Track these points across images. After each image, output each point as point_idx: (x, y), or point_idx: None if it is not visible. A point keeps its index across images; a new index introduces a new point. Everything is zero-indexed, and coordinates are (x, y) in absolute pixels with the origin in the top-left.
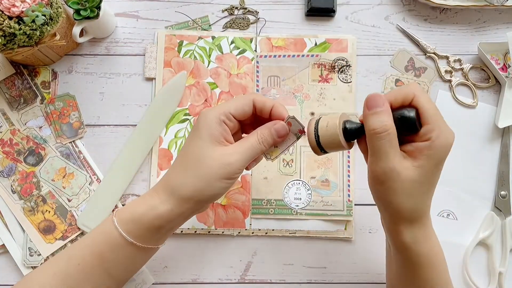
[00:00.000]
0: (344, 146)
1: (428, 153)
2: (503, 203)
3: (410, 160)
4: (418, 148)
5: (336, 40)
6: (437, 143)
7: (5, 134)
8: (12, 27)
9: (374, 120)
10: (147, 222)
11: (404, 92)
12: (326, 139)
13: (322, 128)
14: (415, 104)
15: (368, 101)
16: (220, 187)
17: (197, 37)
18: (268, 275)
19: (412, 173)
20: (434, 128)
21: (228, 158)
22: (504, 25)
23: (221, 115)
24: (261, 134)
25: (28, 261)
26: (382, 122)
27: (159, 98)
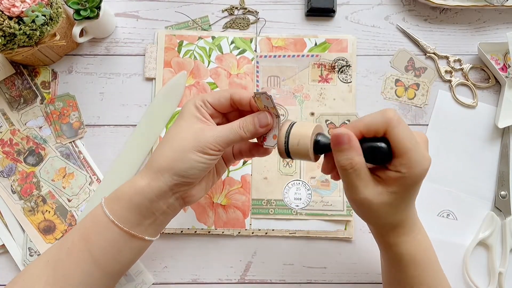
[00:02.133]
0: (311, 158)
1: (401, 183)
2: (503, 203)
3: (383, 186)
4: (390, 177)
5: (336, 40)
6: (408, 175)
7: (5, 134)
8: (12, 27)
9: (340, 157)
10: (128, 199)
11: (377, 122)
12: (295, 148)
13: (294, 135)
14: (388, 135)
15: (333, 138)
16: (194, 160)
17: (197, 37)
18: (268, 275)
19: (386, 198)
20: (405, 162)
21: (204, 132)
22: (504, 25)
23: (198, 100)
24: (243, 121)
25: (28, 261)
26: (348, 160)
27: (159, 98)
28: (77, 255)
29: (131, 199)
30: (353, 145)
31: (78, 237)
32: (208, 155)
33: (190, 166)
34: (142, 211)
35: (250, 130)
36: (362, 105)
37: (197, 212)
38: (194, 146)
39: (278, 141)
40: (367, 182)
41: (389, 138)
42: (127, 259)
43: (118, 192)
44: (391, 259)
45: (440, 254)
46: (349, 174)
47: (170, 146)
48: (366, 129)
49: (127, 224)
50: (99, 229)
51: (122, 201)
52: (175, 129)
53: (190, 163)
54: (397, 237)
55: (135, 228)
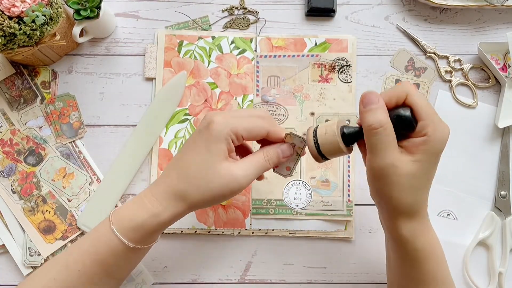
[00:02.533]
0: (344, 151)
1: (424, 148)
2: (503, 203)
3: (407, 155)
4: (414, 143)
5: (336, 40)
6: (433, 138)
7: (5, 134)
8: (12, 27)
9: (370, 116)
10: (149, 229)
11: (397, 92)
12: (326, 146)
13: (321, 136)
14: (408, 102)
15: (363, 99)
16: (225, 200)
17: (197, 37)
18: (268, 275)
19: (410, 167)
20: (429, 124)
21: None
22: (504, 25)
23: (232, 133)
24: (267, 153)
25: (28, 261)
26: (377, 118)
27: (159, 98)
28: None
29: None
30: (382, 105)
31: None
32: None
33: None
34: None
35: (274, 162)
36: None
37: (197, 212)
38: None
39: (309, 147)
40: (394, 147)
41: (411, 104)
42: (136, 264)
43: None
44: (404, 254)
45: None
46: (378, 134)
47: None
48: (388, 99)
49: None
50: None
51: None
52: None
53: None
54: (413, 229)
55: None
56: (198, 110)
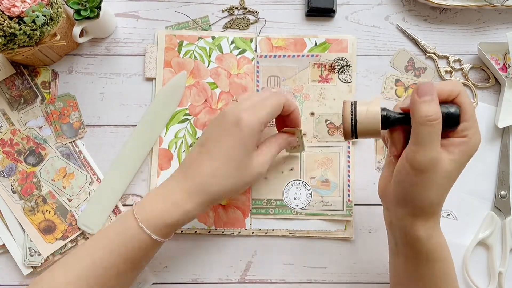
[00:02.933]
0: (379, 134)
1: (463, 149)
2: (503, 203)
3: (445, 153)
4: (454, 143)
5: (336, 40)
6: (472, 141)
7: (5, 134)
8: (12, 27)
9: (425, 107)
10: (182, 225)
11: (450, 87)
12: (364, 126)
13: (362, 114)
14: (458, 101)
15: (420, 89)
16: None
17: (197, 37)
18: (268, 275)
19: (447, 166)
20: (471, 127)
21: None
22: (504, 25)
23: (262, 124)
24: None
25: (28, 261)
26: (434, 110)
27: (159, 98)
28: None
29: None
30: (436, 98)
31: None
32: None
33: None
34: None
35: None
36: None
37: None
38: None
39: (344, 122)
40: (439, 143)
41: (461, 103)
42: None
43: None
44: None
45: None
46: (432, 127)
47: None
48: (440, 91)
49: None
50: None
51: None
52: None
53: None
54: (429, 229)
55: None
56: (198, 110)
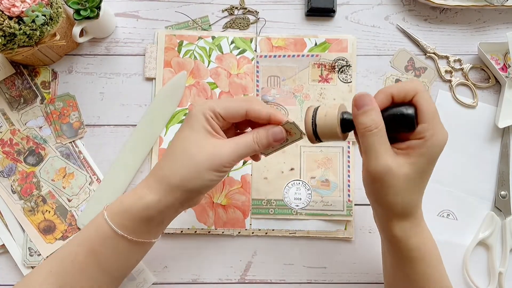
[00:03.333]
0: (339, 136)
1: (421, 151)
2: (503, 203)
3: (403, 157)
4: (411, 145)
5: (336, 40)
6: (430, 142)
7: (5, 134)
8: (12, 27)
9: (363, 118)
10: (136, 213)
11: (407, 88)
12: (323, 129)
13: (321, 118)
14: (415, 101)
15: (356, 101)
16: (208, 179)
17: (197, 37)
18: (268, 275)
19: (405, 170)
20: (429, 128)
21: (219, 150)
22: (504, 25)
23: (209, 111)
24: (257, 135)
25: (28, 261)
26: (372, 120)
27: (159, 98)
28: (84, 266)
29: (139, 214)
30: (375, 107)
31: (83, 251)
32: (223, 172)
33: (204, 184)
34: (151, 223)
35: (263, 144)
36: None
37: (197, 212)
38: (210, 166)
39: (305, 126)
40: (388, 149)
41: (417, 103)
42: (133, 262)
43: (124, 205)
44: (398, 254)
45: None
46: (372, 136)
47: (182, 163)
48: (396, 91)
49: (136, 235)
50: (106, 242)
51: (129, 215)
52: (185, 142)
53: (205, 182)
54: (406, 229)
55: (143, 236)
56: None
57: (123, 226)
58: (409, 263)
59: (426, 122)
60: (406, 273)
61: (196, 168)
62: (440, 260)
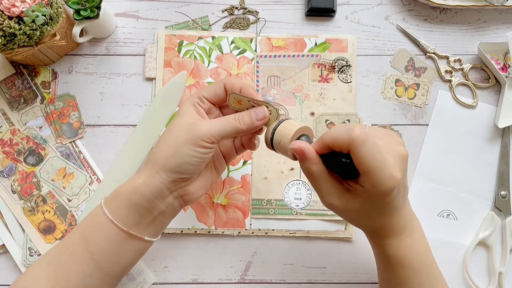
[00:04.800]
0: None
1: (366, 196)
2: (503, 203)
3: (351, 196)
4: (355, 189)
5: (336, 40)
6: (372, 192)
7: (5, 134)
8: (12, 27)
9: (302, 166)
10: (125, 197)
11: (341, 140)
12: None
13: (278, 134)
14: (352, 154)
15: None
16: (187, 154)
17: (197, 37)
18: (268, 275)
19: (354, 205)
20: (369, 180)
21: (197, 125)
22: (504, 25)
23: (194, 97)
24: (240, 114)
25: (28, 261)
26: (306, 169)
27: (159, 98)
28: (78, 255)
29: (128, 198)
30: (309, 157)
31: (78, 238)
32: (201, 147)
33: (183, 161)
34: (139, 210)
35: (246, 122)
36: (362, 105)
37: (197, 212)
38: (187, 140)
39: (266, 133)
40: (330, 188)
41: (353, 157)
42: (127, 260)
43: (117, 191)
44: (380, 258)
45: (440, 254)
46: (311, 181)
47: (164, 142)
48: (332, 144)
49: (125, 223)
50: (99, 229)
51: (120, 200)
52: (171, 127)
53: (183, 158)
54: (382, 238)
55: (133, 228)
56: None
57: (115, 213)
58: (390, 267)
59: (364, 175)
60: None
61: (176, 145)
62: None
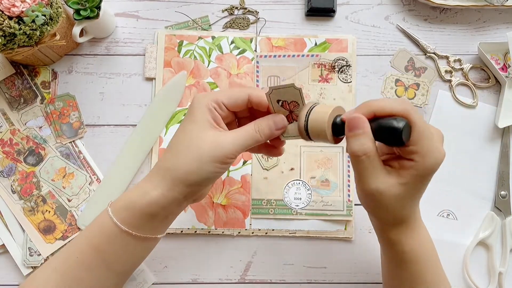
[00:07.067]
0: (330, 140)
1: (412, 173)
2: (503, 203)
3: (395, 177)
4: (403, 166)
5: (336, 40)
6: (420, 165)
7: (5, 134)
8: (12, 27)
9: (354, 142)
10: (140, 209)
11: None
12: (314, 130)
13: (313, 118)
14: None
15: (349, 122)
16: (211, 171)
17: (197, 37)
18: (268, 275)
19: (396, 190)
20: (420, 150)
21: (221, 141)
22: (504, 25)
23: (212, 101)
24: (259, 124)
25: (28, 261)
26: (361, 146)
27: (159, 98)
28: (89, 263)
29: (143, 209)
30: (367, 131)
31: (88, 248)
32: (226, 164)
33: (207, 177)
34: (155, 218)
35: (266, 133)
36: None
37: (197, 212)
38: (212, 158)
39: (298, 124)
40: (379, 171)
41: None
42: (139, 258)
43: (127, 201)
44: (393, 256)
45: (440, 254)
46: (362, 162)
47: (185, 155)
48: (381, 111)
49: (140, 230)
50: (111, 238)
51: (134, 212)
52: (188, 135)
53: (207, 175)
54: (400, 233)
55: (148, 232)
56: None
57: (128, 222)
58: (403, 263)
59: (415, 144)
60: (399, 274)
61: (199, 161)
62: (436, 262)
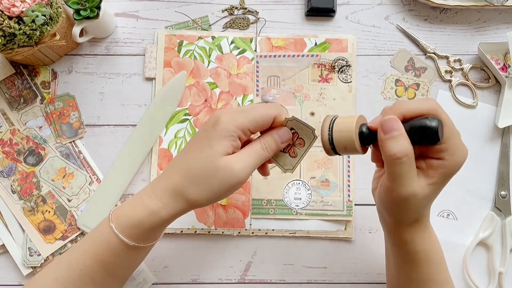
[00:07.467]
0: (359, 151)
1: (441, 172)
2: (503, 203)
3: (423, 178)
4: (431, 165)
5: (336, 40)
6: (450, 162)
7: (5, 134)
8: (12, 27)
9: (392, 145)
10: (148, 227)
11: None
12: (341, 142)
13: (337, 130)
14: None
15: (383, 125)
16: (223, 196)
17: (197, 37)
18: (268, 275)
19: (426, 191)
20: (449, 148)
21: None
22: (504, 25)
23: (238, 129)
24: (264, 141)
25: (28, 261)
26: (401, 147)
27: (159, 98)
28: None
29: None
30: (403, 132)
31: (92, 262)
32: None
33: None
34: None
35: (273, 148)
36: (362, 105)
37: (197, 212)
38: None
39: (322, 138)
40: (415, 173)
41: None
42: (139, 262)
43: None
44: (403, 255)
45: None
46: (403, 164)
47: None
48: (409, 113)
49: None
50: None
51: (142, 229)
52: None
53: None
54: (413, 232)
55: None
56: (198, 110)
57: (134, 238)
58: (414, 264)
59: (445, 142)
60: (411, 274)
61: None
62: (444, 262)
